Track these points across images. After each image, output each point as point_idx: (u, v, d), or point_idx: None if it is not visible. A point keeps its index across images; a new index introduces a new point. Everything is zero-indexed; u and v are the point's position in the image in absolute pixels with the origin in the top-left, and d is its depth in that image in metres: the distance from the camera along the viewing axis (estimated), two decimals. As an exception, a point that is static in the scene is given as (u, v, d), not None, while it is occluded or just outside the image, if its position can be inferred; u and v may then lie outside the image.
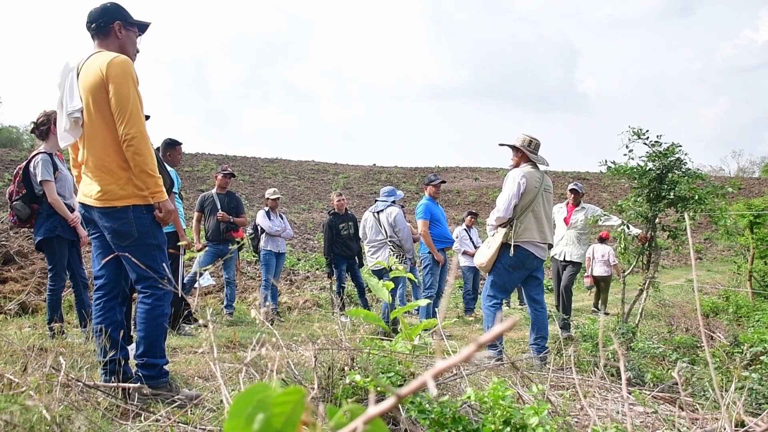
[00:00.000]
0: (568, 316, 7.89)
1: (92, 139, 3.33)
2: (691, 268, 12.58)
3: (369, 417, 0.64)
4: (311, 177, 41.53)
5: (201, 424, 2.34)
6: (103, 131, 3.30)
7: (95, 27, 3.46)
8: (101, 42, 3.46)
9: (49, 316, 5.23)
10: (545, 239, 5.60)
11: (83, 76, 3.31)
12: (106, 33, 3.47)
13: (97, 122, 3.29)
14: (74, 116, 3.30)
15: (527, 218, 5.53)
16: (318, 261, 16.82)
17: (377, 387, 2.21)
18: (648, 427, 2.70)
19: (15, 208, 5.22)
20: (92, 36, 3.50)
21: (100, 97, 3.26)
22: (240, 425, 0.68)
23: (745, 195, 34.39)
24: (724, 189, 6.08)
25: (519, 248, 5.52)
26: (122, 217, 3.31)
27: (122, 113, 3.23)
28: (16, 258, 9.68)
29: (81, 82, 3.31)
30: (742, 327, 7.05)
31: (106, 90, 3.24)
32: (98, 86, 3.24)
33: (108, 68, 3.22)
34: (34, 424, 1.98)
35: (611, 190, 39.42)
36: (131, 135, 3.23)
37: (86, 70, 3.31)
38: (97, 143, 3.32)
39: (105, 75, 3.22)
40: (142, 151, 3.26)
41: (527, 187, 5.53)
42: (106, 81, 3.23)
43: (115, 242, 3.36)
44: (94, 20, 3.46)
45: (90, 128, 3.32)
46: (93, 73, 3.26)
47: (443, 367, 0.60)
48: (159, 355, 3.42)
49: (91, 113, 3.29)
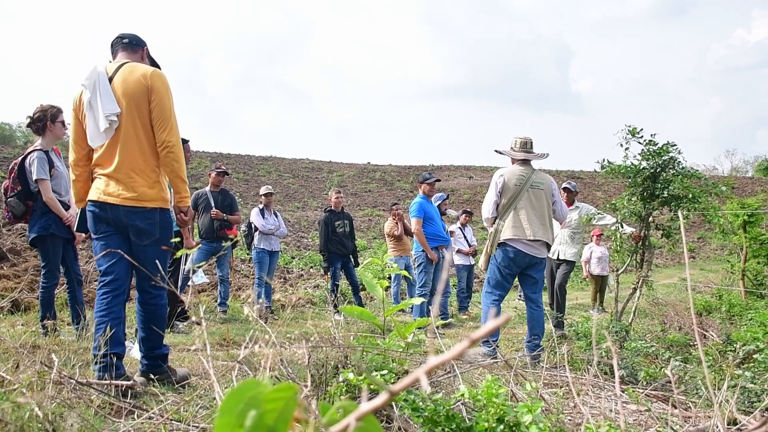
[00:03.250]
0: (562, 315, 7.90)
1: (127, 143, 3.52)
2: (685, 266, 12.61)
3: (362, 413, 0.63)
4: (305, 175, 41.48)
5: (194, 421, 2.33)
6: (139, 136, 3.52)
7: (128, 42, 3.75)
8: (128, 55, 3.73)
9: (41, 314, 5.21)
10: (535, 236, 5.55)
11: (122, 83, 3.51)
12: (134, 50, 3.76)
13: (134, 127, 3.51)
14: (111, 119, 3.47)
15: (510, 216, 5.60)
16: (312, 259, 16.81)
17: (370, 384, 2.21)
18: (641, 425, 2.70)
19: (9, 204, 5.19)
20: (120, 48, 3.75)
21: (141, 105, 3.50)
22: (231, 422, 0.67)
23: (739, 194, 34.50)
24: (718, 187, 6.09)
25: (505, 246, 5.63)
26: (149, 218, 3.54)
27: (165, 122, 3.51)
28: (8, 255, 9.66)
29: (120, 89, 3.50)
30: (734, 326, 7.07)
31: (147, 99, 3.50)
32: (140, 95, 3.49)
33: (152, 80, 3.50)
34: (26, 422, 1.97)
35: (605, 189, 39.48)
36: (172, 143, 3.52)
37: (125, 77, 3.52)
38: (132, 147, 3.52)
39: (149, 85, 3.49)
40: (180, 158, 3.56)
41: (505, 186, 5.63)
42: (150, 91, 3.49)
43: (136, 240, 3.56)
44: (128, 37, 3.76)
45: (125, 132, 3.51)
46: (135, 81, 3.49)
47: (436, 363, 0.60)
48: (162, 345, 3.71)
49: (131, 119, 3.50)
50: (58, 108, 5.28)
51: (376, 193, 37.88)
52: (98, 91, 3.49)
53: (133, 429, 2.31)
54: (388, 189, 39.39)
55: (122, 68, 3.57)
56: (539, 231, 5.60)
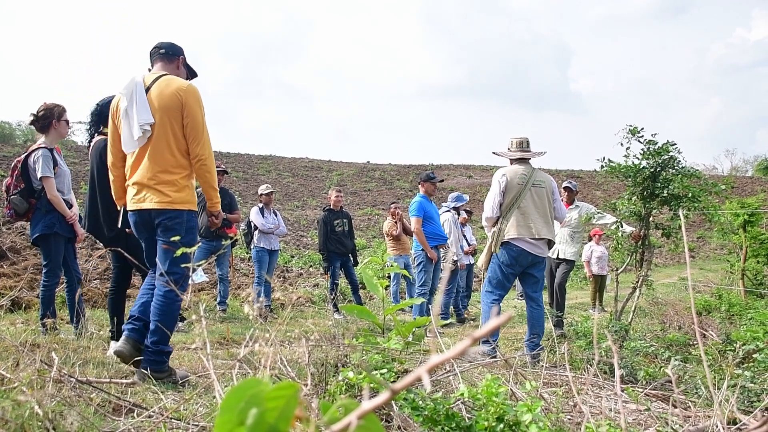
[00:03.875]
0: (562, 314, 7.90)
1: (158, 151, 3.73)
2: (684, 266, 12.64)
3: (363, 412, 0.63)
4: (305, 174, 41.47)
5: (194, 420, 2.33)
6: (170, 145, 3.73)
7: (164, 52, 3.97)
8: (164, 66, 3.96)
9: (41, 312, 5.20)
10: (539, 234, 5.57)
11: (157, 95, 3.72)
12: (170, 60, 3.99)
13: (166, 137, 3.72)
14: (145, 128, 3.68)
15: (513, 215, 5.60)
16: (311, 258, 16.80)
17: (371, 383, 2.21)
18: (641, 425, 2.70)
19: (12, 202, 5.18)
20: (157, 58, 3.98)
21: (174, 117, 3.71)
22: (232, 420, 0.67)
23: (738, 194, 34.51)
24: (718, 186, 6.09)
25: (508, 245, 5.62)
26: (177, 218, 3.75)
27: (197, 136, 3.75)
28: (8, 254, 9.66)
29: (155, 100, 3.71)
30: (734, 325, 7.07)
31: (180, 113, 3.71)
32: (174, 108, 3.70)
33: (186, 95, 3.72)
34: (27, 420, 1.97)
35: (605, 188, 39.48)
36: (204, 156, 3.76)
37: (161, 90, 3.73)
38: (164, 155, 3.73)
39: (183, 100, 3.70)
40: (211, 170, 3.82)
41: (508, 185, 5.62)
42: (183, 105, 3.70)
43: (162, 237, 3.76)
44: (165, 47, 3.98)
45: (157, 141, 3.73)
46: (170, 95, 3.70)
47: (437, 362, 0.60)
48: (167, 343, 3.75)
49: (163, 129, 3.71)
50: (63, 107, 5.28)
51: (375, 192, 37.88)
52: (135, 101, 3.69)
53: (133, 427, 2.31)
54: (387, 188, 39.40)
55: (159, 80, 3.77)
56: (543, 229, 5.61)
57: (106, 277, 9.80)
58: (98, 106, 4.80)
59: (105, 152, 4.39)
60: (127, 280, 5.03)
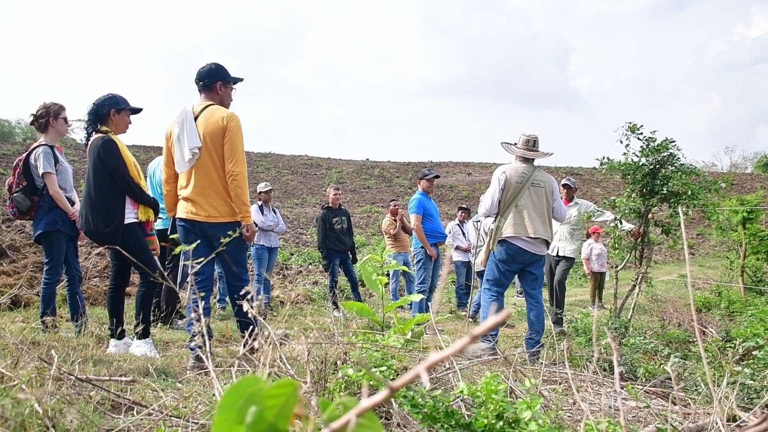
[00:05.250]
0: (561, 311, 7.90)
1: (205, 171, 4.32)
2: (684, 263, 12.67)
3: (362, 409, 0.63)
4: (304, 172, 41.46)
5: (193, 417, 2.33)
6: (216, 166, 4.32)
7: (203, 84, 4.52)
8: (207, 96, 4.53)
9: (42, 310, 5.19)
10: (535, 234, 5.59)
11: (204, 122, 4.32)
12: (210, 89, 4.52)
13: (211, 159, 4.32)
14: (194, 151, 4.28)
15: (510, 213, 5.64)
16: (311, 255, 16.81)
17: (370, 380, 2.21)
18: (640, 422, 2.70)
19: (15, 200, 5.17)
20: (200, 89, 4.55)
21: (217, 142, 4.29)
22: (231, 418, 0.67)
23: (738, 191, 34.51)
24: (717, 184, 6.09)
25: (506, 243, 5.66)
26: (228, 229, 4.03)
27: (233, 155, 4.29)
28: (8, 252, 9.65)
29: (202, 127, 4.31)
30: (734, 322, 7.08)
31: (223, 137, 4.28)
32: (218, 133, 4.29)
33: (227, 122, 4.29)
34: (26, 418, 1.97)
35: (604, 186, 39.46)
36: (237, 173, 4.28)
37: (207, 118, 4.33)
38: (209, 174, 4.32)
39: (225, 126, 4.28)
40: (243, 186, 4.31)
41: (507, 182, 5.67)
42: (225, 131, 4.28)
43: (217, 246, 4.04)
44: (202, 79, 4.52)
45: (204, 162, 4.32)
46: (215, 122, 4.30)
47: (437, 359, 0.60)
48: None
49: (209, 152, 4.31)
50: (60, 105, 5.28)
51: (374, 190, 37.88)
52: (185, 128, 4.30)
53: (133, 425, 2.31)
54: (386, 185, 39.39)
55: (206, 110, 4.37)
56: (540, 228, 5.64)
57: (105, 275, 9.80)
58: (94, 105, 4.79)
59: (102, 150, 4.61)
60: (126, 278, 5.02)
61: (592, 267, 11.11)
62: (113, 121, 4.83)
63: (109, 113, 4.80)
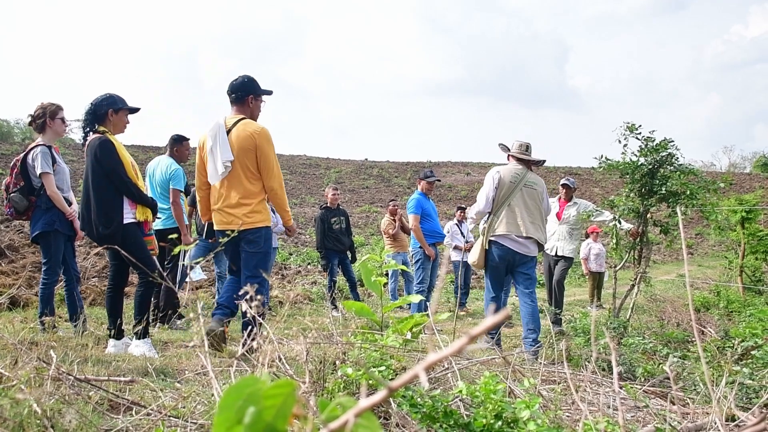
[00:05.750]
0: (560, 311, 7.90)
1: (237, 181, 4.61)
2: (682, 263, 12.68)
3: (360, 409, 0.63)
4: (303, 171, 41.43)
5: (192, 417, 2.33)
6: (248, 176, 4.61)
7: (236, 97, 4.75)
8: (239, 108, 4.77)
9: (40, 310, 5.19)
10: (526, 233, 5.72)
11: (236, 137, 4.57)
12: (242, 102, 4.76)
13: (243, 171, 4.60)
14: (227, 164, 4.54)
15: (502, 212, 5.79)
16: (310, 255, 16.80)
17: (369, 380, 2.21)
18: (639, 422, 2.70)
19: (12, 200, 5.16)
20: (232, 102, 4.78)
21: (249, 155, 4.57)
22: (230, 418, 0.67)
23: (737, 190, 34.54)
24: (716, 184, 6.09)
25: (495, 243, 5.82)
26: (257, 233, 4.67)
27: (269, 172, 4.63)
28: (6, 252, 9.65)
29: (234, 140, 4.56)
30: (732, 322, 7.08)
31: (255, 151, 4.56)
32: (250, 147, 4.55)
33: (259, 137, 4.56)
34: (25, 418, 1.97)
35: (603, 185, 39.47)
36: (275, 188, 4.68)
37: (239, 133, 4.58)
38: (241, 184, 4.60)
39: (256, 142, 4.55)
40: (281, 197, 4.75)
41: (501, 182, 5.83)
42: (256, 145, 4.55)
43: (246, 248, 4.67)
44: (235, 92, 4.75)
45: (235, 174, 4.60)
46: (246, 137, 4.55)
47: (435, 360, 0.60)
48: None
49: (241, 164, 4.58)
50: (57, 105, 5.27)
51: (373, 190, 37.86)
52: (218, 141, 4.54)
53: (131, 425, 2.31)
54: (385, 185, 39.38)
55: (238, 124, 4.61)
56: (531, 228, 5.77)
57: (104, 275, 9.80)
58: (92, 105, 4.77)
59: (99, 151, 4.61)
60: (124, 278, 5.01)
61: (591, 267, 11.11)
62: (111, 121, 4.80)
63: (107, 113, 4.77)
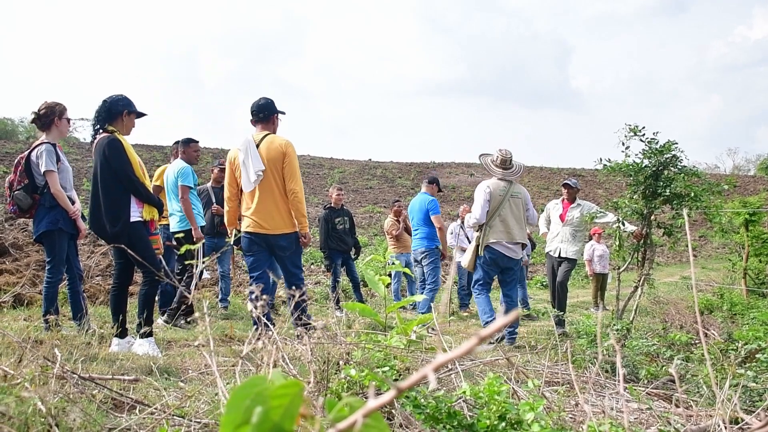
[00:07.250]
0: (563, 312, 7.90)
1: (268, 190, 5.07)
2: (686, 265, 12.65)
3: (369, 410, 0.63)
4: (306, 171, 41.33)
5: (196, 417, 2.33)
6: (278, 185, 5.09)
7: (262, 116, 5.28)
8: (264, 126, 5.28)
9: (44, 309, 5.20)
10: (513, 239, 6.63)
11: (266, 149, 5.08)
12: (267, 120, 5.29)
13: (274, 180, 5.07)
14: (259, 174, 5.01)
15: (495, 222, 6.62)
16: (313, 255, 16.80)
17: (373, 380, 2.21)
18: (642, 424, 2.70)
19: (16, 198, 5.16)
20: (256, 120, 5.30)
21: (278, 165, 5.06)
22: (237, 418, 0.67)
23: (741, 193, 34.47)
24: (720, 186, 6.09)
25: (489, 248, 6.65)
26: (288, 239, 5.14)
27: (292, 176, 5.09)
28: (11, 250, 9.66)
29: (264, 152, 5.06)
30: (736, 324, 7.08)
31: (282, 161, 5.05)
32: (279, 158, 5.06)
33: (286, 148, 5.08)
34: (29, 416, 1.98)
35: (606, 187, 39.40)
36: (296, 190, 5.10)
37: (268, 146, 5.09)
38: (273, 192, 5.07)
39: (284, 151, 5.06)
40: (301, 200, 5.15)
41: (492, 195, 6.63)
42: (284, 155, 5.05)
43: (280, 253, 5.16)
44: (261, 111, 5.28)
45: (267, 183, 5.07)
46: (275, 149, 5.07)
47: (444, 360, 0.60)
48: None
49: (271, 173, 5.06)
50: (63, 105, 5.28)
51: (377, 190, 37.84)
52: (249, 154, 5.02)
53: (135, 424, 2.31)
54: (389, 186, 39.34)
55: (266, 138, 5.13)
56: (518, 234, 6.68)
57: (108, 274, 9.81)
58: (107, 104, 4.75)
59: (108, 149, 4.59)
60: (129, 277, 5.01)
61: (594, 268, 11.10)
62: (123, 122, 4.80)
63: (121, 113, 4.77)
